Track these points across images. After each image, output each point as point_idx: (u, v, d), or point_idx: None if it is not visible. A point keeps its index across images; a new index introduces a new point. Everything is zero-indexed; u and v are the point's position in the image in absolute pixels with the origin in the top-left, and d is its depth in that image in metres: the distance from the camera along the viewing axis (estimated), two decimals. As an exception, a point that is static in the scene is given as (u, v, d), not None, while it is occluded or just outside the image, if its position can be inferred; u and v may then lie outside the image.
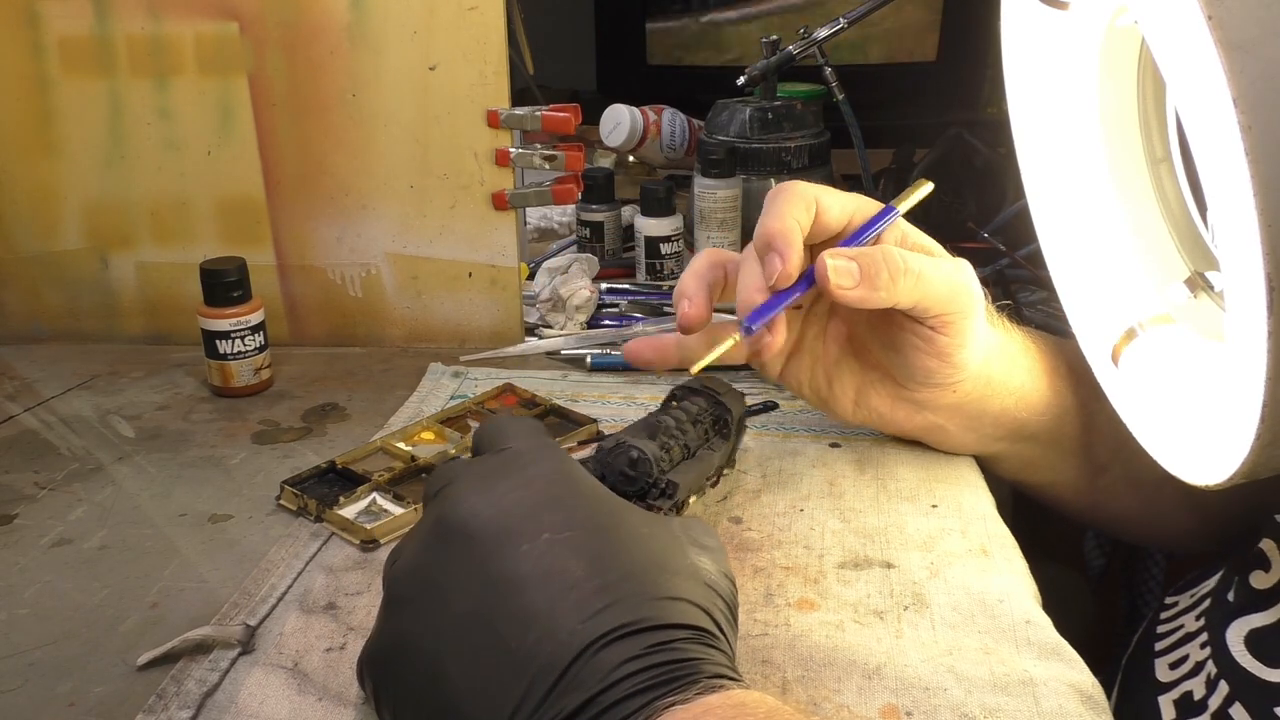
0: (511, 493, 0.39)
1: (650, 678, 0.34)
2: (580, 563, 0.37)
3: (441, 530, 0.39)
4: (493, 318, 0.84)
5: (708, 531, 0.44)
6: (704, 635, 0.36)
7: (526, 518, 0.38)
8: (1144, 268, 0.56)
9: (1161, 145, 0.56)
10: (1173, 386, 0.52)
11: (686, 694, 0.33)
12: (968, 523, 0.57)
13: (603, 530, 0.38)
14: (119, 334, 0.86)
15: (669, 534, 0.41)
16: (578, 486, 0.41)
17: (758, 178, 1.04)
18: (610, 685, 0.33)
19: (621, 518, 0.40)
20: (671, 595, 0.37)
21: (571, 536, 0.37)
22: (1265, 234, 0.34)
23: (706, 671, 0.35)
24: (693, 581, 0.38)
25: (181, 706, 0.44)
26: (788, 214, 0.54)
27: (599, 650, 0.34)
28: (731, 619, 0.40)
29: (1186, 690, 0.53)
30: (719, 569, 0.41)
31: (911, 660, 0.46)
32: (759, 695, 0.34)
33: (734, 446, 0.61)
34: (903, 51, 1.69)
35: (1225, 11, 0.34)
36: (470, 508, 0.39)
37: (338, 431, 0.70)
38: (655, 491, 0.52)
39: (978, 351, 0.57)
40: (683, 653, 0.35)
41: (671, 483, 0.52)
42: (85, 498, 0.62)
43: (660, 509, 0.51)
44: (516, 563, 0.37)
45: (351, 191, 0.81)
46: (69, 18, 0.78)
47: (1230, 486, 0.43)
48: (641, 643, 0.35)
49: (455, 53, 0.77)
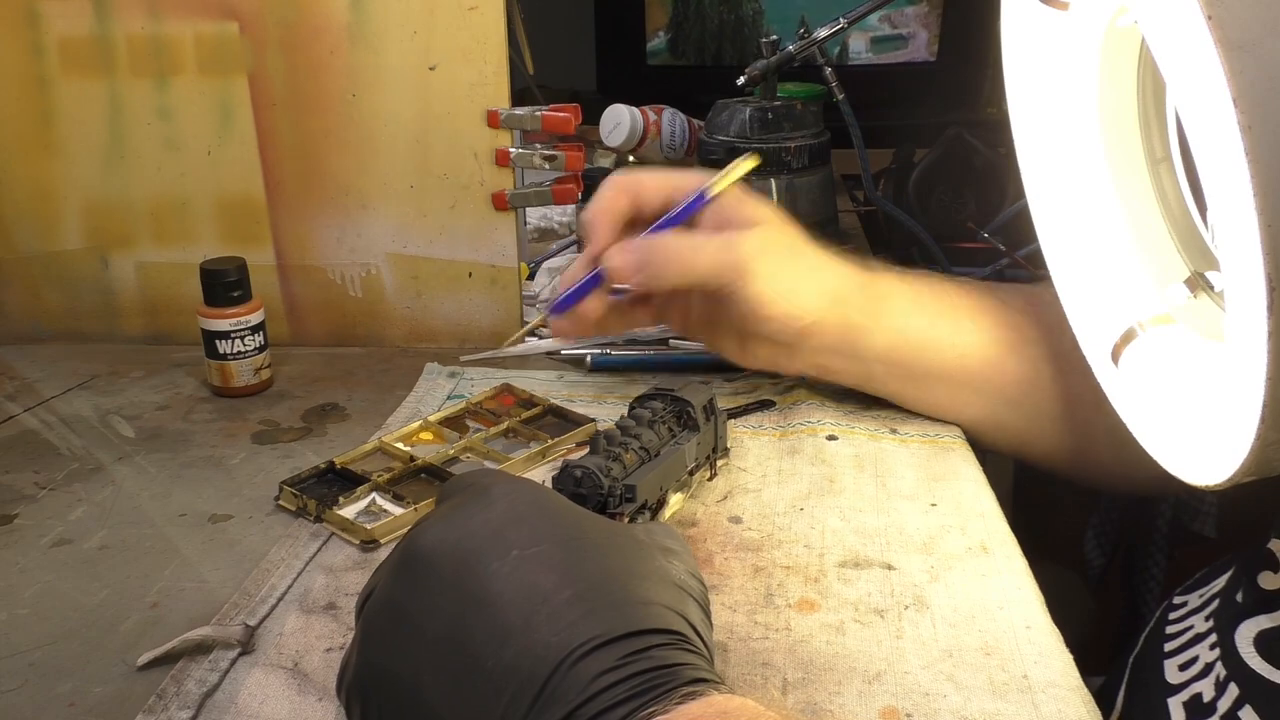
0: (475, 516, 0.39)
1: (629, 688, 0.34)
2: (551, 576, 0.37)
3: (408, 560, 0.39)
4: (493, 318, 0.84)
5: (670, 534, 0.44)
6: (679, 639, 0.37)
7: (493, 538, 0.38)
8: (1144, 268, 0.56)
9: (1161, 145, 0.56)
10: (1173, 387, 0.52)
11: (666, 703, 0.33)
12: (967, 520, 0.57)
13: (569, 541, 0.39)
14: (119, 334, 0.86)
15: (633, 540, 0.41)
16: (540, 504, 0.41)
17: (758, 178, 1.04)
18: (590, 698, 0.33)
19: (586, 529, 0.40)
20: (643, 600, 0.37)
21: (539, 551, 0.38)
22: (1265, 234, 0.34)
23: (685, 677, 0.35)
24: (662, 585, 0.39)
25: (181, 706, 0.44)
26: (599, 201, 0.64)
27: (576, 662, 0.34)
28: (705, 618, 0.41)
29: (1196, 692, 0.53)
30: (687, 569, 0.41)
31: (911, 664, 0.46)
32: (740, 701, 0.34)
33: (716, 434, 0.61)
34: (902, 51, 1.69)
35: (1225, 11, 0.34)
36: (435, 535, 0.39)
37: (337, 431, 0.70)
38: (613, 501, 0.52)
39: (799, 302, 0.62)
40: (659, 660, 0.35)
41: (628, 486, 0.53)
42: (85, 498, 0.62)
43: (622, 514, 0.52)
44: (488, 581, 0.37)
45: (351, 191, 0.81)
46: (69, 18, 0.78)
47: (1231, 486, 0.43)
48: (617, 652, 0.34)
49: (455, 53, 0.77)
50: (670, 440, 0.58)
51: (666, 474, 0.56)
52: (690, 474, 0.59)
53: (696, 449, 0.59)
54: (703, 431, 0.59)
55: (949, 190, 1.13)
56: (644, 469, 0.54)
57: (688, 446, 0.58)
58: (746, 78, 1.04)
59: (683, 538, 0.45)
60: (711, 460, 0.61)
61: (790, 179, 1.05)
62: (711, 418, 0.61)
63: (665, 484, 0.56)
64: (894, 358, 0.66)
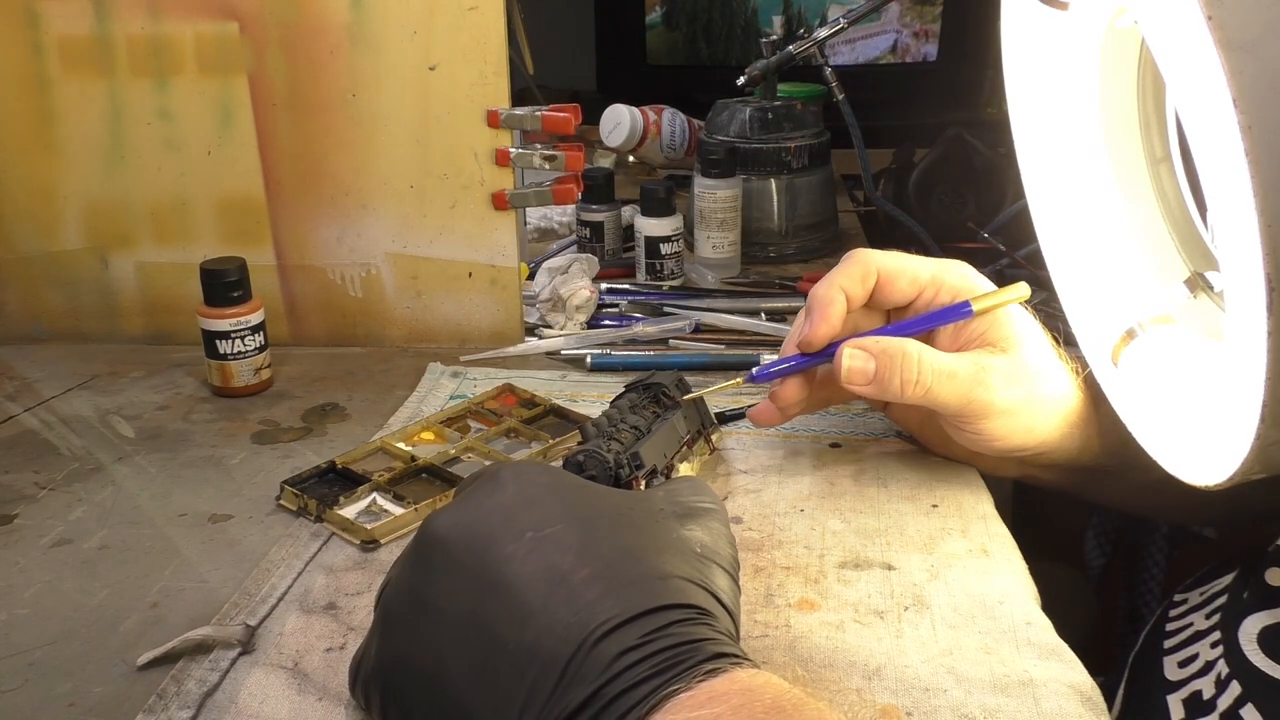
0: (487, 501, 0.40)
1: (651, 666, 0.34)
2: (567, 555, 0.37)
3: (423, 548, 0.39)
4: (493, 318, 0.84)
5: (698, 489, 0.44)
6: (700, 613, 0.36)
7: (506, 520, 0.38)
8: (1144, 268, 0.56)
9: (1161, 145, 0.56)
10: (1173, 387, 0.52)
11: (689, 680, 0.33)
12: (968, 522, 0.57)
13: (583, 520, 0.39)
14: (119, 334, 0.86)
15: (651, 510, 0.41)
16: (551, 485, 0.41)
17: (758, 178, 1.04)
18: (613, 677, 0.33)
19: (600, 505, 0.40)
20: (661, 574, 0.37)
21: (554, 532, 0.38)
22: (1265, 234, 0.34)
23: (707, 653, 0.34)
24: (681, 556, 0.39)
25: (181, 706, 0.44)
26: (835, 282, 0.58)
27: (598, 642, 0.34)
28: (733, 583, 0.40)
29: (1196, 689, 0.53)
30: (712, 534, 0.41)
31: (911, 661, 0.46)
32: (765, 677, 0.34)
33: (699, 411, 0.62)
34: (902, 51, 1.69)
35: (1225, 11, 0.34)
36: (449, 521, 0.39)
37: (338, 431, 0.70)
38: (625, 472, 0.52)
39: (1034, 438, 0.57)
40: (681, 636, 0.35)
41: (635, 454, 0.53)
42: (85, 498, 0.62)
43: (637, 480, 0.52)
44: (505, 564, 0.37)
45: (351, 191, 0.81)
46: (69, 18, 0.78)
47: (1231, 486, 0.43)
48: (638, 630, 0.35)
49: (455, 53, 0.77)
50: (655, 419, 0.59)
51: (666, 441, 0.57)
52: (688, 445, 0.60)
53: (684, 422, 0.60)
54: (684, 407, 0.61)
55: (949, 190, 1.13)
56: (641, 441, 0.55)
57: (675, 419, 0.59)
58: (746, 78, 1.05)
59: (713, 494, 0.44)
60: (705, 434, 0.62)
61: (790, 179, 1.05)
62: (687, 390, 0.62)
63: (667, 450, 0.57)
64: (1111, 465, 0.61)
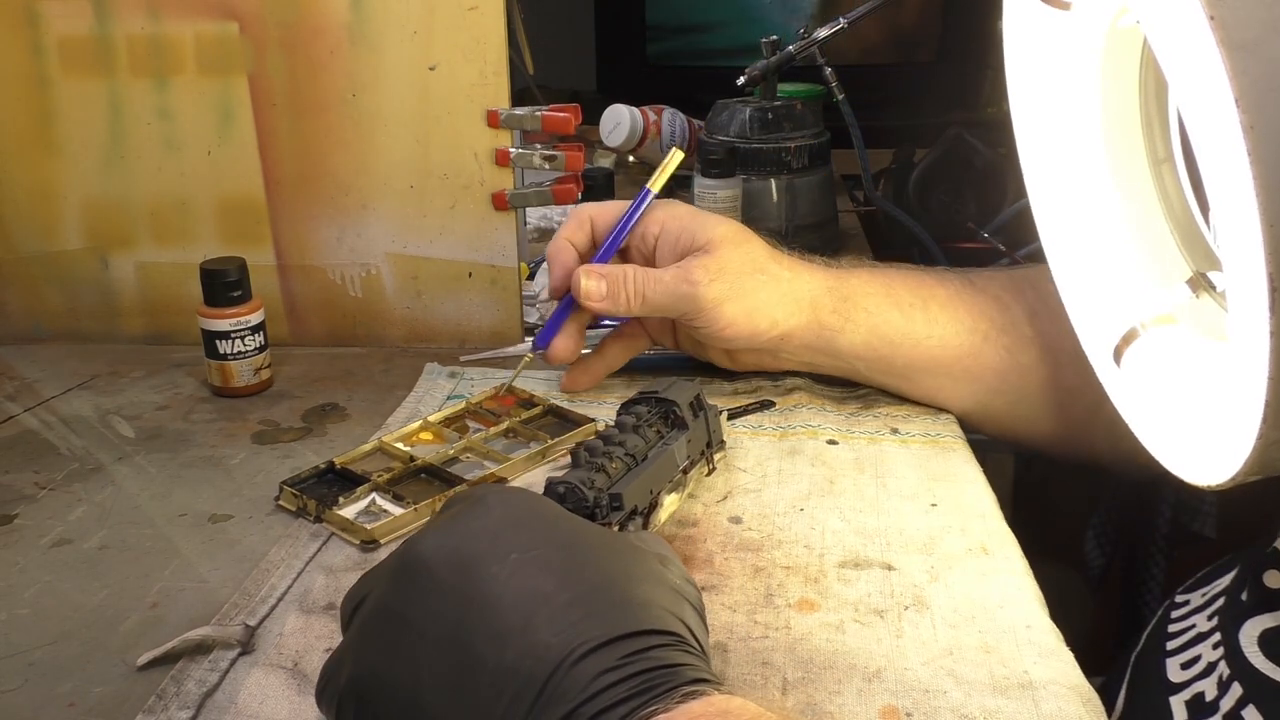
0: (472, 523, 0.40)
1: (630, 688, 0.34)
2: (550, 578, 0.37)
3: (406, 567, 0.39)
4: (493, 318, 0.84)
5: (660, 543, 0.45)
6: (678, 640, 0.37)
7: (491, 542, 0.38)
8: (1146, 268, 0.56)
9: (1163, 145, 0.56)
10: (1175, 386, 0.52)
11: (667, 702, 0.33)
12: (967, 521, 0.57)
13: (567, 546, 0.39)
14: (119, 334, 0.86)
15: (629, 545, 0.41)
16: (536, 510, 0.41)
17: (758, 178, 1.04)
18: (590, 697, 0.33)
19: (583, 535, 0.40)
20: (642, 601, 0.37)
21: (538, 555, 0.38)
22: (1267, 234, 0.34)
23: (685, 677, 0.35)
24: (660, 587, 0.39)
25: (181, 707, 0.44)
26: (561, 236, 0.69)
27: (577, 662, 0.34)
28: (701, 623, 0.41)
29: (1198, 691, 0.53)
30: (681, 576, 0.42)
31: (911, 662, 0.46)
32: (741, 701, 0.34)
33: (709, 430, 0.61)
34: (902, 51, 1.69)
35: (1227, 11, 0.34)
36: (433, 542, 0.39)
37: (337, 431, 0.70)
38: (600, 512, 0.51)
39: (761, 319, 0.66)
40: (660, 660, 0.35)
41: (613, 495, 0.52)
42: (85, 498, 0.62)
43: (612, 524, 0.51)
44: (487, 585, 0.37)
45: (351, 191, 0.81)
46: (69, 18, 0.78)
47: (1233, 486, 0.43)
48: (618, 652, 0.35)
49: (455, 53, 0.77)
50: (658, 442, 0.57)
51: (656, 476, 0.55)
52: (684, 473, 0.58)
53: (687, 446, 0.59)
54: (692, 429, 0.59)
55: (949, 190, 1.13)
56: (630, 475, 0.54)
57: (677, 446, 0.58)
58: (746, 78, 1.04)
59: (670, 548, 0.45)
60: (708, 455, 0.61)
61: (790, 179, 1.05)
62: (701, 413, 0.61)
63: (656, 487, 0.55)
64: (872, 354, 0.69)
